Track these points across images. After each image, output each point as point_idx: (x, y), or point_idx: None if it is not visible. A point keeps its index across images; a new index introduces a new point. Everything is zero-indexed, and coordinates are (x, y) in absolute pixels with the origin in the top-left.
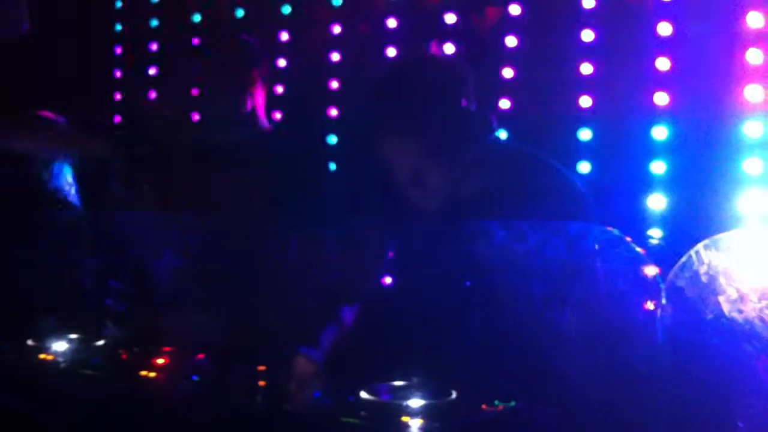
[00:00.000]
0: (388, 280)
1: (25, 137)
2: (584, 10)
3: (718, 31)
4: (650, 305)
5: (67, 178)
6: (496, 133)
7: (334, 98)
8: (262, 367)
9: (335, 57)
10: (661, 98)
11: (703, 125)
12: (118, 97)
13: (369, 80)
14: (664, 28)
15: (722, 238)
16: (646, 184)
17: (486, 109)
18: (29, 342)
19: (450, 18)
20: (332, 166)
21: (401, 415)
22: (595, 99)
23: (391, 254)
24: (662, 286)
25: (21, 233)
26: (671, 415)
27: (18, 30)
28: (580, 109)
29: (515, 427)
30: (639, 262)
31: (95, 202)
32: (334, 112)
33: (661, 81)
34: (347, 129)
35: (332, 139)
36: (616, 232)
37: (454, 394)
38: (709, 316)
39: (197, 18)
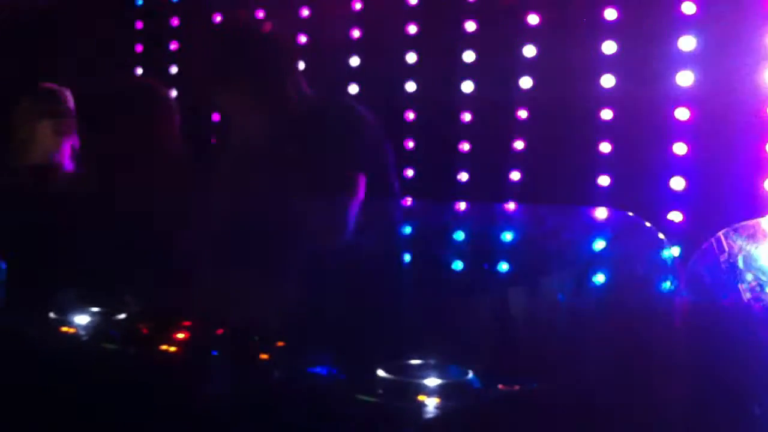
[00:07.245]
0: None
1: None
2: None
3: None
4: (669, 290)
5: None
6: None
7: None
8: (280, 343)
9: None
10: (683, 78)
11: (726, 107)
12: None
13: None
14: None
15: (744, 225)
16: (668, 166)
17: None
18: (51, 315)
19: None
20: None
21: (418, 394)
22: (618, 79)
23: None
24: (681, 271)
25: None
26: (687, 398)
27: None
28: (601, 89)
29: (532, 407)
30: (658, 246)
31: None
32: None
33: (684, 61)
34: None
35: None
36: (633, 216)
37: (470, 374)
38: (728, 304)
39: None
